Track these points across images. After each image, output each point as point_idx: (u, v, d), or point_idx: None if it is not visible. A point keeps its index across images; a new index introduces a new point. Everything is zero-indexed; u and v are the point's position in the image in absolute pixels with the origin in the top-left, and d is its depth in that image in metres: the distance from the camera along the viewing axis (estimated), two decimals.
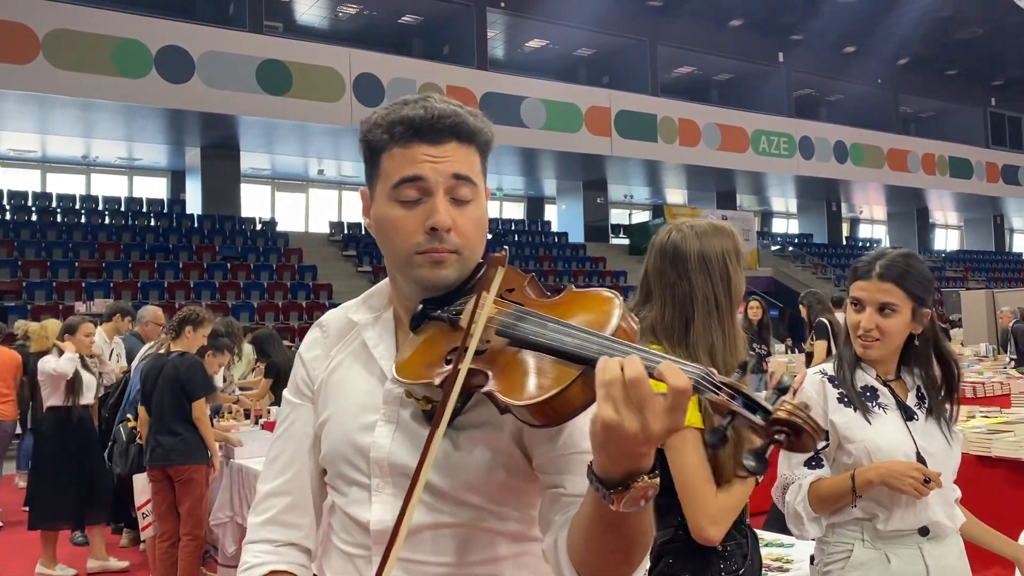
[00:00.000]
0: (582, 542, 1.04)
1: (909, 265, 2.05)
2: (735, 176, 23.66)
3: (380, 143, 1.20)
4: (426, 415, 1.16)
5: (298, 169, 21.84)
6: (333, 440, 1.25)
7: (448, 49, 20.74)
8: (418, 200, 1.17)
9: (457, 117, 1.18)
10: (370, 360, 1.26)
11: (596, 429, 0.91)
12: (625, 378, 0.89)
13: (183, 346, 4.97)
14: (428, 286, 1.19)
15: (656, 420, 0.89)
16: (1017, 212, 32.84)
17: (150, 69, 14.83)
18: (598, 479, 0.95)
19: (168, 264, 16.18)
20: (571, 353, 1.00)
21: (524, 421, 1.04)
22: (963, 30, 23.62)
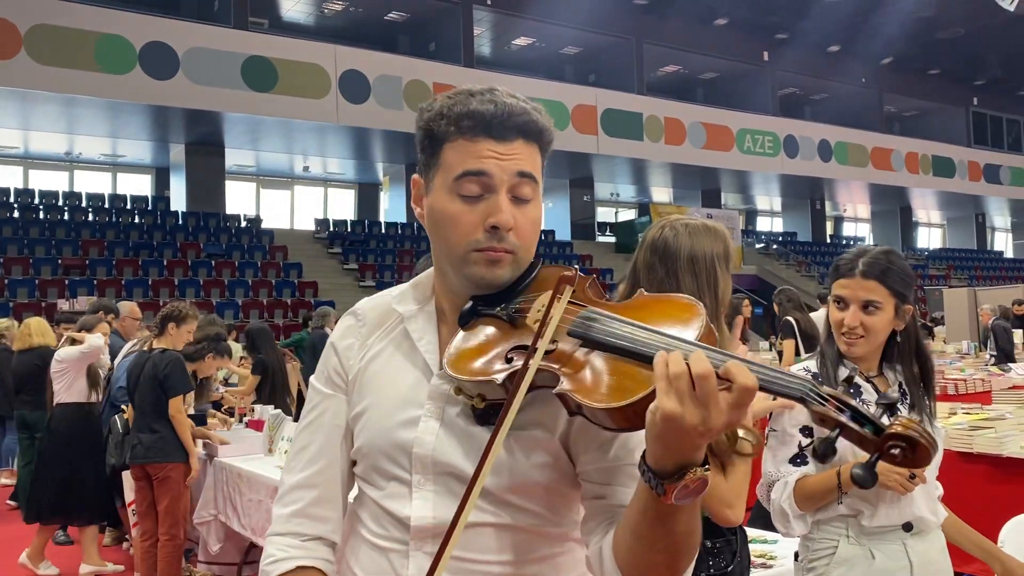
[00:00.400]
0: (629, 541, 1.04)
1: (891, 262, 2.07)
2: (720, 174, 23.74)
3: (444, 133, 1.18)
4: (475, 413, 1.14)
5: (283, 166, 21.75)
6: (372, 433, 1.22)
7: (434, 46, 20.71)
8: (479, 196, 1.15)
9: (527, 115, 1.17)
10: (413, 352, 1.24)
11: (655, 419, 0.92)
12: (692, 372, 0.90)
13: (167, 343, 4.94)
14: (481, 284, 1.18)
15: (719, 415, 0.90)
16: (998, 211, 33.11)
17: (134, 65, 14.73)
18: (651, 470, 0.95)
19: (152, 261, 16.07)
20: (651, 356, 0.97)
21: (597, 423, 1.02)
22: (946, 30, 23.79)
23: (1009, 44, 25.15)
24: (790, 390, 0.92)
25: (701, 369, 0.90)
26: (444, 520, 1.14)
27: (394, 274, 18.26)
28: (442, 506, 1.16)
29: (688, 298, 1.08)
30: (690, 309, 1.05)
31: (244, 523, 4.62)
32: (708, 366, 0.91)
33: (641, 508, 1.00)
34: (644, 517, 1.00)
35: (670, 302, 1.09)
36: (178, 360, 4.87)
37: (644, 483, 0.97)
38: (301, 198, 23.13)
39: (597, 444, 1.14)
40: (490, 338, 1.15)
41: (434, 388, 1.19)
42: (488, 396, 1.11)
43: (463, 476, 1.14)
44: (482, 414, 1.13)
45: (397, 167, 21.03)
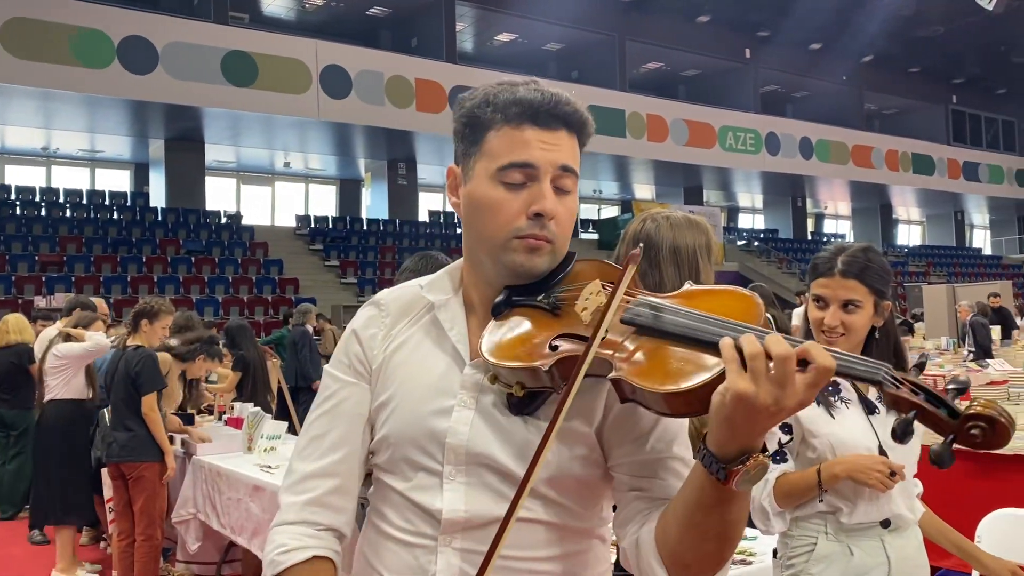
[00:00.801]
0: (679, 531, 1.03)
1: (870, 260, 2.06)
2: (702, 172, 23.83)
3: (489, 121, 1.17)
4: (511, 402, 1.14)
5: (264, 162, 21.61)
6: (400, 422, 1.20)
7: (416, 42, 20.63)
8: (523, 184, 1.15)
9: (572, 106, 1.18)
10: (442, 341, 1.22)
11: (724, 400, 0.91)
12: (772, 353, 0.90)
13: (140, 340, 4.86)
14: (520, 273, 1.17)
15: (793, 395, 0.90)
16: (977, 208, 33.43)
17: (112, 59, 14.58)
18: (712, 454, 0.95)
19: (131, 258, 15.93)
20: (715, 343, 0.97)
21: (653, 409, 1.02)
22: (925, 28, 23.96)
23: (987, 43, 25.38)
24: (868, 373, 0.93)
25: (781, 350, 0.90)
26: (476, 514, 1.14)
27: (375, 271, 18.19)
28: (474, 499, 1.14)
29: (743, 290, 1.08)
30: (747, 300, 1.06)
31: (223, 522, 4.58)
32: (787, 346, 0.91)
33: (696, 496, 0.99)
34: (699, 505, 0.99)
35: (726, 293, 1.09)
36: (151, 357, 4.80)
37: (703, 469, 0.97)
38: (282, 194, 23.00)
39: (634, 436, 1.14)
40: (531, 327, 1.14)
41: (467, 377, 1.18)
42: (528, 384, 1.10)
43: (497, 467, 1.13)
44: (518, 403, 1.13)
45: (379, 163, 20.96)
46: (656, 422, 1.15)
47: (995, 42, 25.26)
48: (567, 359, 1.06)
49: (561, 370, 1.07)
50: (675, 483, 1.13)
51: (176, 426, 5.21)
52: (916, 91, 28.96)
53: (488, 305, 1.21)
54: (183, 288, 15.65)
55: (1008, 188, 30.13)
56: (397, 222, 20.56)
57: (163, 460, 4.77)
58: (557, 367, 1.07)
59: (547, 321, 1.14)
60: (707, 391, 0.95)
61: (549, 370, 1.07)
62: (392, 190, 20.82)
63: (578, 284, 1.17)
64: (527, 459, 1.10)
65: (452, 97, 18.25)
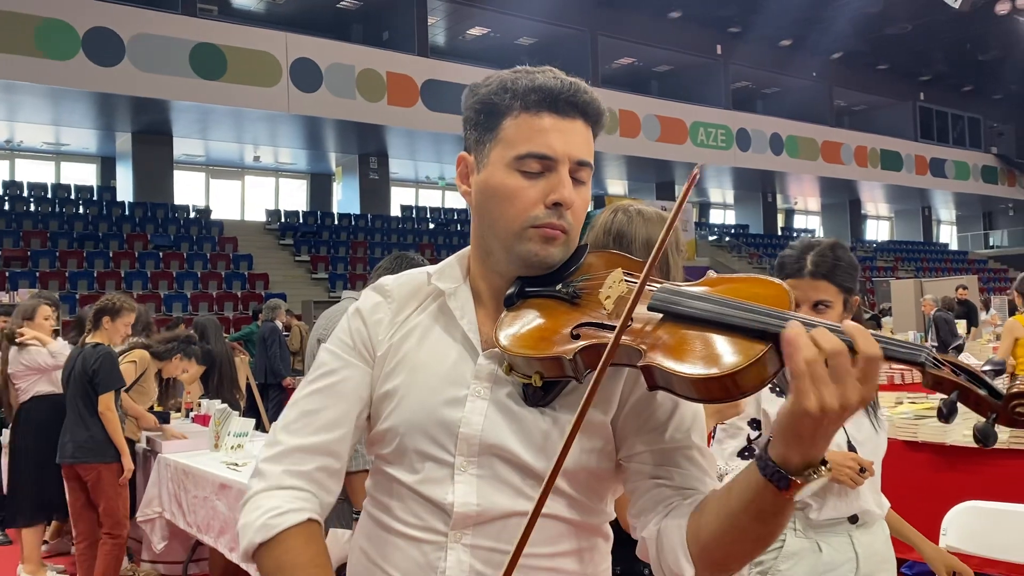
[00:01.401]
0: (719, 531, 1.01)
1: (838, 258, 2.04)
2: (674, 167, 23.91)
3: (506, 107, 1.15)
4: (526, 392, 1.12)
5: (233, 156, 21.37)
6: (410, 412, 1.16)
7: (388, 35, 20.50)
8: (540, 173, 1.14)
9: (590, 95, 1.17)
10: (452, 330, 1.20)
11: (793, 415, 0.89)
12: (826, 352, 0.87)
13: (102, 338, 4.74)
14: (533, 262, 1.15)
15: (854, 392, 0.88)
16: (943, 204, 33.90)
17: (77, 51, 14.32)
18: (776, 465, 0.93)
19: (97, 253, 15.70)
20: (752, 328, 0.96)
21: (685, 396, 1.00)
22: (893, 26, 24.21)
23: (954, 41, 25.71)
24: (910, 355, 0.92)
25: (833, 346, 0.88)
26: (488, 508, 1.11)
27: (347, 266, 18.07)
28: (486, 492, 1.11)
29: (769, 278, 1.07)
30: (776, 287, 1.04)
31: (190, 521, 4.51)
32: (837, 341, 0.88)
33: (748, 503, 0.97)
34: (748, 511, 0.97)
35: (751, 279, 1.07)
36: (109, 355, 4.69)
37: (762, 479, 0.94)
38: (252, 188, 22.76)
39: (652, 426, 1.13)
40: (549, 317, 1.13)
41: (481, 367, 1.15)
42: (548, 374, 1.09)
43: (512, 458, 1.11)
44: (535, 394, 1.11)
45: (350, 157, 20.81)
46: (673, 411, 1.14)
47: (961, 40, 25.59)
48: (591, 347, 1.05)
49: (586, 359, 1.06)
50: (696, 472, 1.12)
51: (152, 423, 5.12)
52: (884, 88, 29.29)
53: (496, 295, 1.19)
54: (151, 283, 15.45)
55: (974, 184, 30.58)
56: (369, 217, 20.44)
57: (120, 461, 4.67)
58: (582, 356, 1.05)
59: (566, 311, 1.13)
60: (744, 376, 0.94)
61: (573, 359, 1.05)
62: (364, 184, 20.69)
63: (596, 274, 1.16)
64: (543, 450, 1.10)
65: (424, 91, 18.16)
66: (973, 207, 34.75)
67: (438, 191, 25.92)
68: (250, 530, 1.12)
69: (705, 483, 1.13)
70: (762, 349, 0.95)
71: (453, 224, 22.59)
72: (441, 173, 24.37)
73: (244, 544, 1.13)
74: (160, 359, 5.36)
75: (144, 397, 5.25)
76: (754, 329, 0.96)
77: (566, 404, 1.12)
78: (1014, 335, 5.78)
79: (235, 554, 4.01)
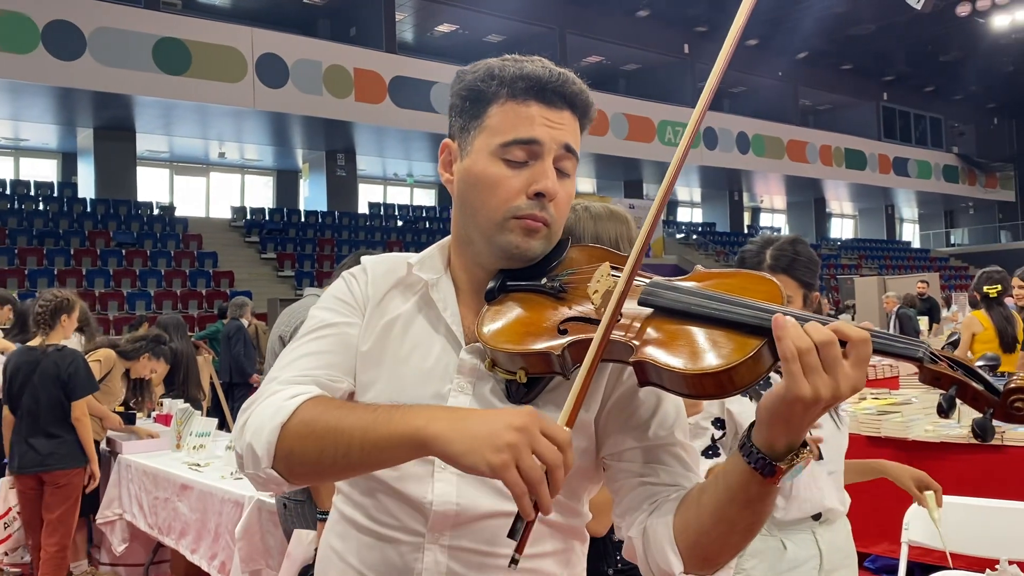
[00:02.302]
0: (707, 524, 1.01)
1: (797, 252, 2.05)
2: (642, 165, 24.02)
3: (492, 94, 1.12)
4: (510, 389, 1.09)
5: (198, 152, 21.10)
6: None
7: (355, 31, 20.34)
8: (524, 162, 1.11)
9: (578, 86, 1.15)
10: (436, 322, 1.16)
11: (783, 400, 0.89)
12: (816, 342, 0.88)
13: (59, 337, 4.58)
14: (514, 254, 1.12)
15: (845, 380, 0.88)
16: (906, 203, 34.44)
17: (37, 44, 14.04)
18: (761, 452, 0.93)
19: (58, 250, 15.41)
20: (746, 323, 0.95)
21: (677, 391, 0.99)
22: (857, 26, 24.51)
23: (916, 42, 26.09)
24: (907, 350, 0.92)
25: (824, 336, 0.88)
26: (467, 508, 1.08)
27: (314, 264, 17.92)
28: (466, 491, 1.08)
29: (761, 273, 1.06)
30: (767, 281, 1.03)
31: (151, 522, 4.44)
32: (827, 331, 0.89)
33: (734, 492, 0.97)
34: (735, 500, 0.97)
35: (741, 275, 1.06)
36: (80, 358, 4.56)
37: (747, 466, 0.94)
38: (217, 185, 22.49)
39: (635, 423, 1.12)
40: (534, 311, 1.10)
41: (463, 362, 1.12)
42: (533, 370, 1.06)
43: None
44: (518, 390, 1.09)
45: (317, 154, 20.63)
46: (656, 407, 1.13)
47: (923, 41, 25.98)
48: (579, 343, 1.03)
49: (573, 354, 1.03)
50: (680, 468, 1.11)
51: (116, 424, 5.01)
52: (849, 88, 29.66)
53: (477, 287, 1.16)
54: (114, 282, 15.21)
55: (936, 183, 31.08)
56: (336, 214, 20.28)
57: (87, 466, 4.55)
58: (569, 351, 1.03)
59: (551, 305, 1.10)
60: (738, 372, 0.94)
61: (561, 354, 1.03)
62: (331, 181, 20.53)
63: (581, 268, 1.14)
64: None
65: (392, 87, 18.06)
66: (935, 206, 35.33)
67: (406, 188, 25.81)
68: (265, 428, 1.02)
69: (690, 479, 1.12)
70: (757, 344, 0.94)
71: (421, 221, 22.50)
72: (409, 170, 24.27)
73: (265, 437, 1.02)
74: (128, 359, 5.25)
75: (109, 397, 5.14)
76: (748, 324, 0.95)
77: (549, 400, 1.10)
78: (971, 330, 5.87)
79: (197, 555, 3.95)
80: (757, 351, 0.94)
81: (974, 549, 2.75)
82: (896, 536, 2.87)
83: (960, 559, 2.83)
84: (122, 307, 14.28)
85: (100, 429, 5.07)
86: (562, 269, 1.15)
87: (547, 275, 1.14)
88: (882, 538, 3.93)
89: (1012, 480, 3.70)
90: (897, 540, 2.86)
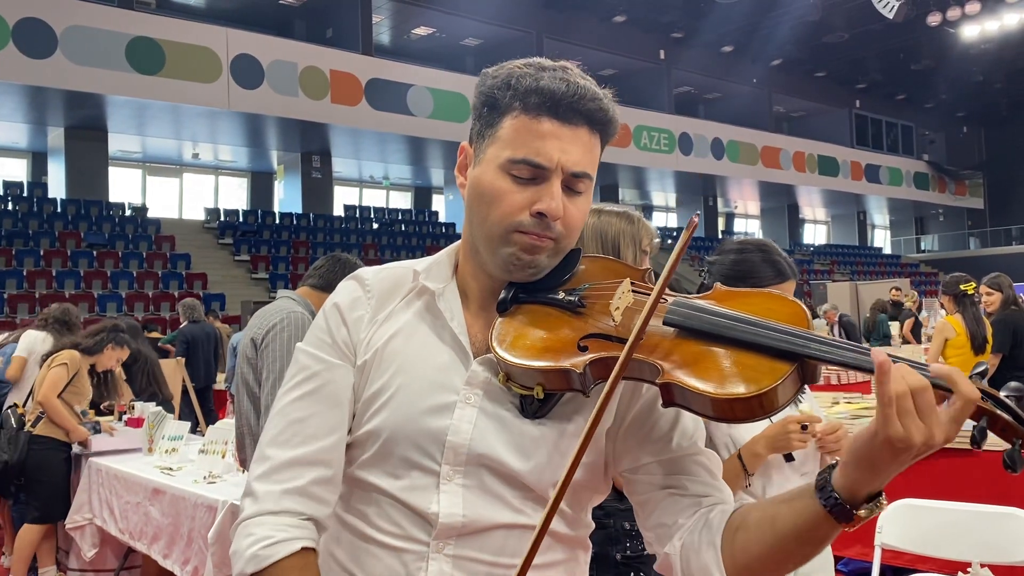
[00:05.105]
0: (764, 555, 0.99)
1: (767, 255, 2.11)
2: (618, 170, 24.13)
3: (506, 105, 1.09)
4: (523, 404, 1.07)
5: (171, 152, 20.89)
6: (397, 416, 1.10)
7: (332, 32, 20.25)
8: (531, 179, 1.08)
9: (598, 103, 1.10)
10: (442, 332, 1.14)
11: (874, 443, 0.88)
12: (911, 388, 0.86)
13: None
14: (515, 268, 1.10)
15: (940, 430, 0.87)
16: (878, 209, 34.86)
17: (7, 42, 13.84)
18: (840, 498, 0.91)
19: (27, 251, 15.18)
20: (776, 347, 0.94)
21: (703, 414, 0.97)
22: (830, 34, 24.77)
23: (888, 50, 26.42)
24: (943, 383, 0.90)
25: (919, 383, 0.87)
26: (474, 519, 1.07)
27: (288, 266, 17.80)
28: (472, 503, 1.07)
29: (784, 295, 1.04)
30: (793, 305, 1.01)
31: (122, 527, 4.37)
32: (922, 378, 0.87)
33: (799, 528, 0.95)
34: (800, 538, 0.96)
35: (767, 296, 1.04)
36: None
37: (821, 509, 0.92)
38: (190, 186, 22.28)
39: (656, 436, 1.11)
40: (550, 326, 1.08)
41: (475, 374, 1.10)
42: (551, 386, 1.03)
43: (501, 469, 1.07)
44: (532, 404, 1.07)
45: (292, 155, 20.51)
46: (676, 421, 1.12)
47: (895, 49, 26.31)
48: (601, 360, 1.00)
49: (595, 372, 1.01)
50: (707, 477, 1.11)
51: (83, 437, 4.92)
52: (822, 95, 29.97)
53: (486, 296, 1.15)
54: (84, 283, 15.01)
55: (906, 190, 31.50)
56: (311, 216, 20.16)
57: None
58: (591, 369, 1.01)
59: (568, 320, 1.08)
60: (768, 397, 0.92)
61: (583, 372, 1.01)
62: (306, 183, 20.41)
63: (599, 283, 1.11)
64: (535, 462, 1.06)
65: (368, 90, 18.00)
66: (906, 212, 35.79)
67: (382, 191, 25.71)
68: (240, 560, 1.06)
69: (719, 488, 1.11)
70: (787, 369, 0.93)
71: (397, 224, 22.43)
72: (385, 172, 24.19)
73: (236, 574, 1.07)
74: (92, 354, 5.18)
75: (79, 397, 5.06)
76: (777, 348, 0.94)
77: (560, 415, 1.09)
78: (944, 335, 5.93)
79: (169, 560, 3.90)
80: (788, 376, 0.93)
81: (947, 552, 2.77)
82: (869, 539, 2.89)
83: (933, 562, 2.86)
84: (92, 309, 14.09)
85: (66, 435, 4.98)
86: (577, 282, 1.13)
87: (562, 288, 1.12)
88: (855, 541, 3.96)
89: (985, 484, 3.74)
90: (870, 543, 2.87)
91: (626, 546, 1.87)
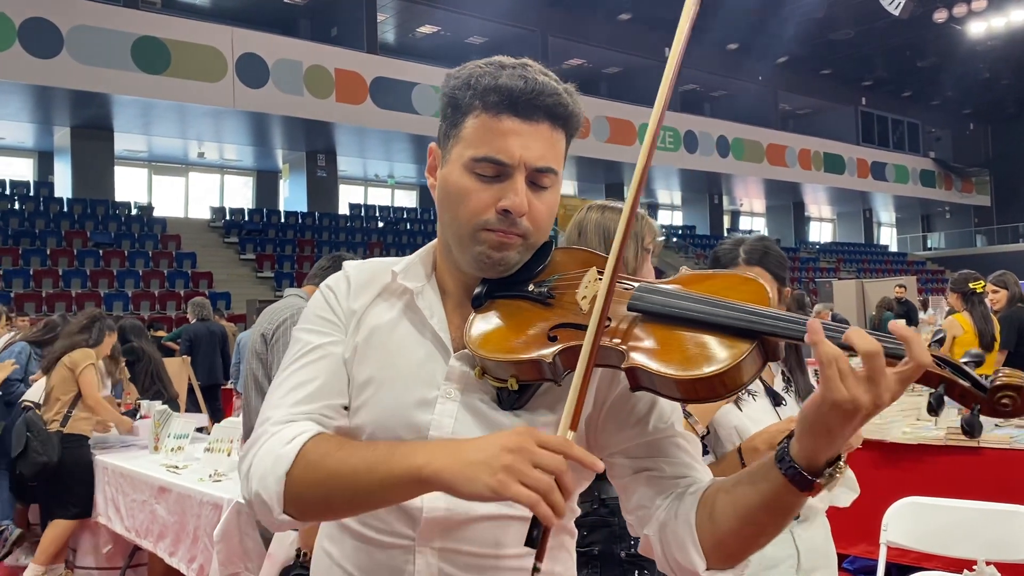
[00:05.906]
0: (735, 525, 1.01)
1: (767, 247, 2.14)
2: (623, 168, 24.10)
3: (467, 105, 1.10)
4: (500, 396, 1.09)
5: (177, 151, 20.94)
6: (380, 412, 1.12)
7: (336, 31, 20.27)
8: (495, 176, 1.09)
9: (557, 97, 1.11)
10: (423, 328, 1.16)
11: (821, 410, 0.89)
12: (861, 351, 0.88)
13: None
14: (486, 264, 1.12)
15: (887, 391, 0.88)
16: (884, 207, 34.75)
17: (13, 42, 13.89)
18: (799, 467, 0.93)
19: (34, 250, 15.23)
20: (735, 326, 0.95)
21: (669, 396, 1.00)
22: (836, 32, 24.72)
23: (894, 47, 26.35)
24: (901, 350, 0.91)
25: (869, 346, 0.88)
26: (457, 511, 1.08)
27: (293, 265, 17.83)
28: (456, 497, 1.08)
29: (748, 275, 1.06)
30: (755, 284, 1.03)
31: (128, 525, 4.39)
32: (874, 341, 0.88)
33: (767, 500, 0.97)
34: (767, 508, 0.98)
35: (731, 277, 1.06)
36: None
37: (783, 479, 0.94)
38: (196, 185, 22.33)
39: (634, 420, 1.12)
40: (521, 318, 1.10)
41: (452, 369, 1.12)
42: (524, 378, 1.06)
43: None
44: (509, 397, 1.09)
45: (297, 154, 20.54)
46: (653, 404, 1.13)
47: (902, 46, 26.23)
48: (570, 350, 1.02)
49: (564, 361, 1.03)
50: (684, 458, 1.12)
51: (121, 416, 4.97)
52: (828, 92, 29.89)
53: (463, 290, 1.16)
54: (91, 282, 15.06)
55: (913, 188, 31.40)
56: (316, 215, 20.19)
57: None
58: (560, 358, 1.03)
59: (539, 312, 1.10)
60: (730, 375, 0.94)
61: (553, 362, 1.02)
62: (311, 182, 20.44)
63: (567, 273, 1.13)
64: None
65: (373, 88, 18.01)
66: (912, 210, 35.68)
67: (387, 189, 25.74)
68: (269, 477, 1.04)
69: (695, 468, 1.12)
70: (747, 348, 0.95)
71: (402, 223, 22.44)
72: (391, 171, 24.20)
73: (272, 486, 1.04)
74: (96, 346, 5.20)
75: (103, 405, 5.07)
76: (736, 327, 0.96)
77: (541, 404, 1.11)
78: (952, 333, 5.91)
79: (175, 558, 3.91)
80: (748, 354, 0.94)
81: (953, 550, 2.77)
82: (875, 537, 2.89)
83: (939, 560, 2.86)
84: (99, 308, 14.13)
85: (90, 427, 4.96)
86: (548, 274, 1.14)
87: (533, 281, 1.13)
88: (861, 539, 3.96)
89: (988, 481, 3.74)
90: (876, 541, 2.87)
91: (630, 544, 1.87)
